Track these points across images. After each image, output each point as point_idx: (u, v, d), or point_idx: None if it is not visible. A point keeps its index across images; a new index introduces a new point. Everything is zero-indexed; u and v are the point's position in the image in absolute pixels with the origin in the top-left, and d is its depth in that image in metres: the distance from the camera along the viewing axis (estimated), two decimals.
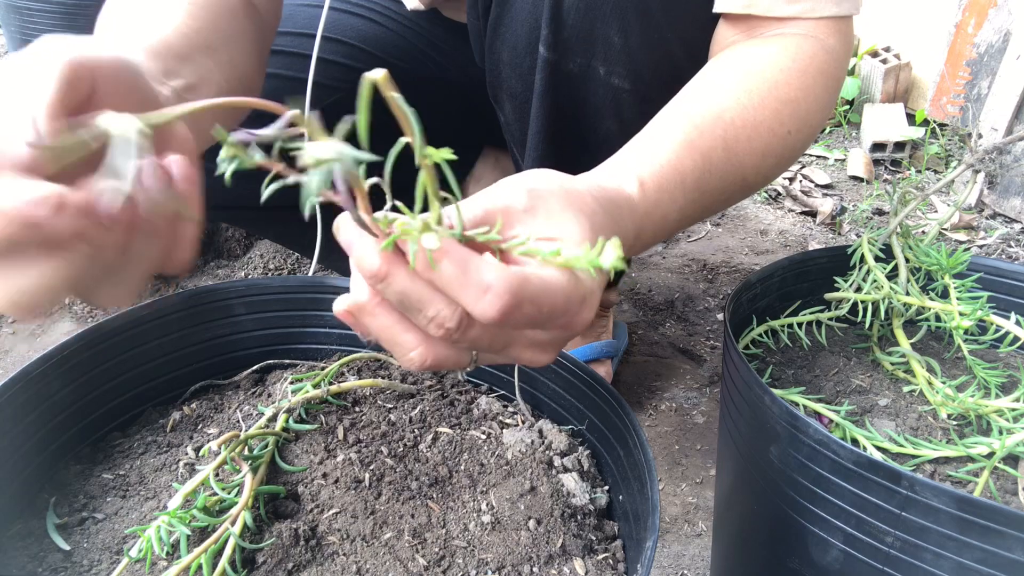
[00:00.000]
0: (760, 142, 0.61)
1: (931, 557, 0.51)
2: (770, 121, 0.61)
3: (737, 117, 0.60)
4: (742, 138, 0.59)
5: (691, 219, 0.60)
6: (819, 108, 0.64)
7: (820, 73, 0.63)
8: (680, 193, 0.56)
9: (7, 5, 2.00)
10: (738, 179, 0.61)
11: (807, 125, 0.64)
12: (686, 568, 0.93)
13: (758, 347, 0.75)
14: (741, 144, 0.59)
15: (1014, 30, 1.81)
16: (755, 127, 0.60)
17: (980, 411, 0.63)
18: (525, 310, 0.35)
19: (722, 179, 0.59)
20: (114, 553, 0.50)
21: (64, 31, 2.08)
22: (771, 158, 0.62)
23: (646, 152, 0.55)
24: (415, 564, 0.49)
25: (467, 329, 0.37)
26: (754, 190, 0.66)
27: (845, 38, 0.66)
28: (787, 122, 0.62)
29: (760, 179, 0.64)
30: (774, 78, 0.62)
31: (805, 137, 0.65)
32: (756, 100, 0.61)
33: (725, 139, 0.59)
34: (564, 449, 0.59)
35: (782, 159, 0.64)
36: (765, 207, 1.86)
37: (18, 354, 1.29)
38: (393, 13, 1.05)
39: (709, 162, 0.58)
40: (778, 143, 0.62)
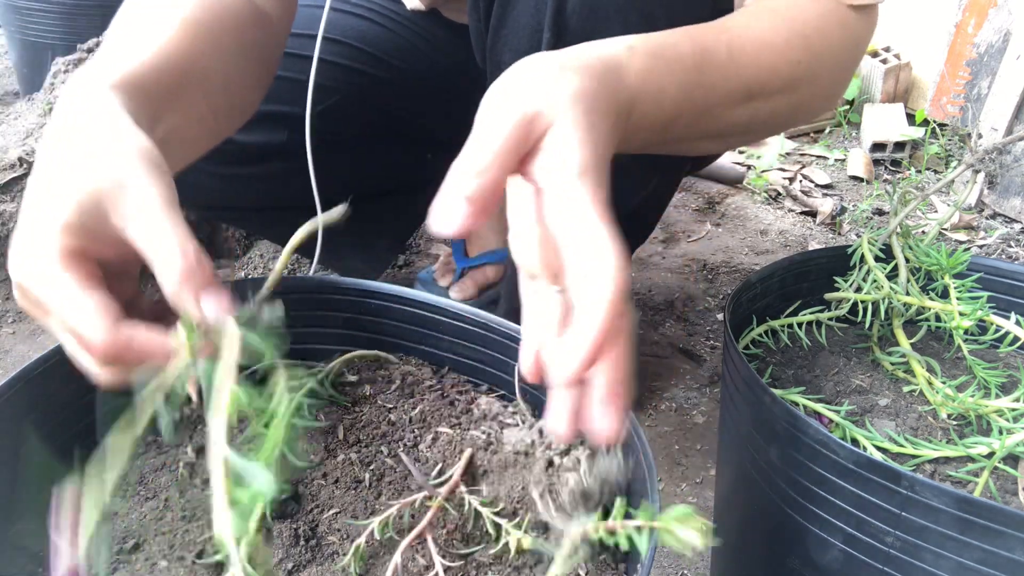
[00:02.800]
0: (767, 60, 0.59)
1: (931, 557, 0.51)
2: (780, 45, 0.59)
3: (744, 33, 0.59)
4: (748, 49, 0.58)
5: (692, 108, 0.57)
6: (833, 56, 0.63)
7: (840, 24, 0.63)
8: (678, 66, 0.54)
9: (7, 5, 2.00)
10: (741, 85, 0.59)
11: (820, 64, 0.62)
12: (686, 568, 0.93)
13: (758, 347, 0.75)
14: (747, 54, 0.58)
15: (1014, 30, 1.81)
16: (762, 44, 0.59)
17: (980, 411, 0.63)
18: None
19: (724, 77, 0.57)
20: (114, 553, 0.50)
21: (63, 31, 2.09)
22: (777, 80, 0.60)
23: (634, 37, 0.54)
24: (415, 564, 0.49)
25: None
26: (759, 121, 0.64)
27: (868, 19, 0.66)
28: (797, 52, 0.60)
29: (765, 100, 0.61)
30: (790, 15, 0.61)
31: (816, 75, 0.63)
32: (766, 24, 0.60)
33: (729, 44, 0.57)
34: (564, 449, 0.59)
35: (787, 88, 0.62)
36: (765, 207, 1.86)
37: (18, 354, 1.28)
38: (393, 14, 1.05)
39: (709, 53, 0.56)
40: (786, 67, 0.60)
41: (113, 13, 0.61)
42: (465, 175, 0.40)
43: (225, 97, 0.65)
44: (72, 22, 1.97)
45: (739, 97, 0.59)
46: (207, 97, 0.62)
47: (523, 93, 0.43)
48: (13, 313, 1.38)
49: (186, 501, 0.54)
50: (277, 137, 0.92)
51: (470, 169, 0.40)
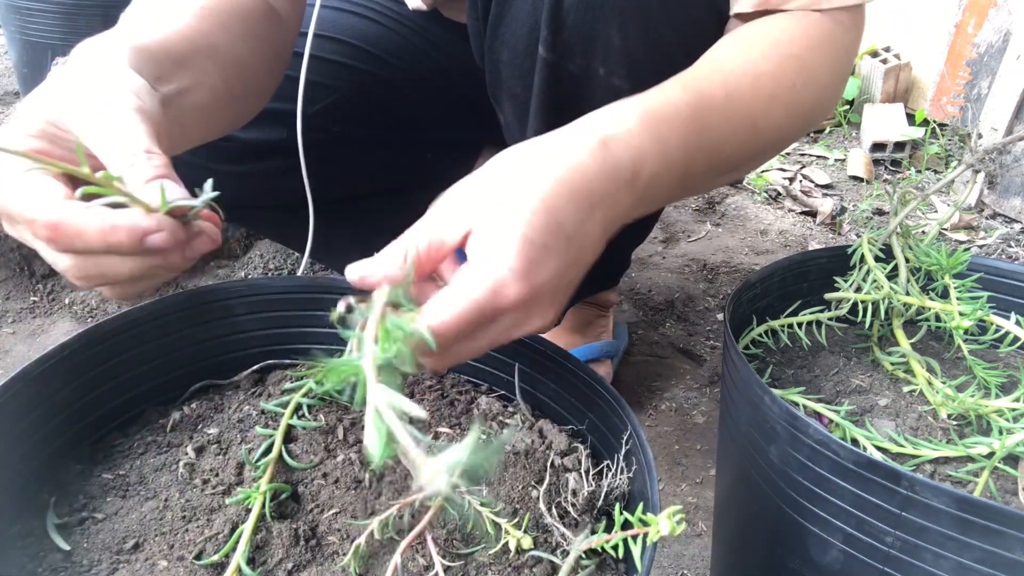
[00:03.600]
0: (764, 89, 0.59)
1: (931, 557, 0.51)
2: (773, 71, 0.60)
3: (736, 67, 0.59)
4: (743, 85, 0.58)
5: (702, 160, 0.56)
6: (826, 68, 0.63)
7: (826, 37, 0.63)
8: (676, 120, 0.53)
9: (7, 5, 2.00)
10: (747, 123, 0.59)
11: (815, 82, 0.62)
12: (686, 568, 0.93)
13: (758, 347, 0.75)
14: (743, 90, 0.58)
15: (1014, 30, 1.81)
16: (757, 75, 0.59)
17: (980, 411, 0.63)
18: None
19: (728, 119, 0.57)
20: (114, 553, 0.50)
21: (64, 31, 2.08)
22: (779, 107, 0.61)
23: (625, 101, 0.53)
24: (415, 564, 0.49)
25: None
26: (769, 145, 0.64)
27: (856, 19, 0.66)
28: (791, 75, 0.61)
29: (772, 130, 0.62)
30: (776, 37, 0.61)
31: (815, 95, 0.63)
32: (756, 54, 0.60)
33: (725, 84, 0.57)
34: (564, 449, 0.59)
35: (792, 111, 0.62)
36: (765, 207, 1.86)
37: (18, 354, 1.28)
38: (394, 13, 1.05)
39: (707, 98, 0.56)
40: (785, 93, 0.60)
41: (113, 13, 0.62)
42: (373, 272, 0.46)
43: (238, 72, 0.67)
44: (72, 22, 1.96)
45: (746, 133, 0.59)
46: (219, 69, 0.64)
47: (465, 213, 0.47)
48: (13, 313, 1.38)
49: (186, 501, 0.54)
50: (276, 134, 0.92)
51: (377, 272, 0.46)
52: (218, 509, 0.53)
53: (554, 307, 0.48)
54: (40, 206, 0.44)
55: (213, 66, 0.63)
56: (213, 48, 0.63)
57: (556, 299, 0.48)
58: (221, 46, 0.64)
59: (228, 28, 0.66)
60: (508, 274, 0.44)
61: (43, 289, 1.41)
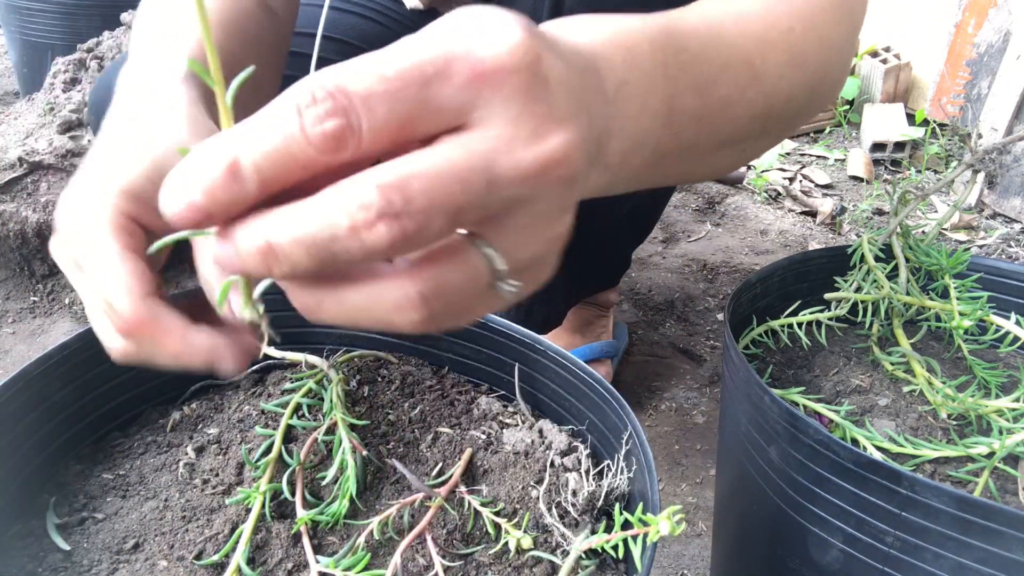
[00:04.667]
0: (753, 28, 0.49)
1: (931, 557, 0.51)
2: (761, 12, 0.50)
3: (715, 9, 0.48)
4: (726, 21, 0.48)
5: (687, 82, 0.43)
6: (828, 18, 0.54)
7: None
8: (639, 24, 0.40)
9: (7, 5, 2.00)
10: (738, 57, 0.47)
11: (815, 29, 0.53)
12: (686, 568, 0.93)
13: (758, 347, 0.75)
14: (726, 25, 0.47)
15: (1014, 30, 1.81)
16: (740, 14, 0.49)
17: (980, 411, 0.63)
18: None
19: (711, 46, 0.46)
20: (114, 553, 0.50)
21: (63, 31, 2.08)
22: (777, 51, 0.50)
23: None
24: (414, 564, 0.49)
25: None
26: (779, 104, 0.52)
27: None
28: (784, 17, 0.51)
29: (776, 78, 0.50)
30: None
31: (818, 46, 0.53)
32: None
33: (700, 14, 0.47)
34: (564, 449, 0.59)
35: (795, 59, 0.51)
36: (765, 207, 1.86)
37: (18, 354, 1.28)
38: (394, 12, 1.05)
39: (679, 22, 0.44)
40: (780, 37, 0.50)
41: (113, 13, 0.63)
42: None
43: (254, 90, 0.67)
44: (72, 22, 1.97)
45: (743, 72, 0.48)
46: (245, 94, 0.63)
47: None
48: (13, 313, 1.38)
49: (186, 501, 0.54)
50: None
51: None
52: (218, 509, 0.53)
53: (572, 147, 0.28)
54: (128, 300, 0.40)
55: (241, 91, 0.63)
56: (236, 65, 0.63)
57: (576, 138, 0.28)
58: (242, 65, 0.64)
59: (246, 42, 0.66)
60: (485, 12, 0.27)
61: (43, 289, 1.41)
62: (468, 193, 0.26)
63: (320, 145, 0.25)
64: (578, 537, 0.49)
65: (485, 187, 0.26)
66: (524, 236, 0.29)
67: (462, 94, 0.26)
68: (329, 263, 0.26)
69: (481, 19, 0.26)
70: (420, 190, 0.25)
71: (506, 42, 0.26)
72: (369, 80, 0.24)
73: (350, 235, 0.25)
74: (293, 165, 0.25)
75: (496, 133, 0.26)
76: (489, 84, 0.26)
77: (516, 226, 0.28)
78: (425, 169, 0.25)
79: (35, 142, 1.40)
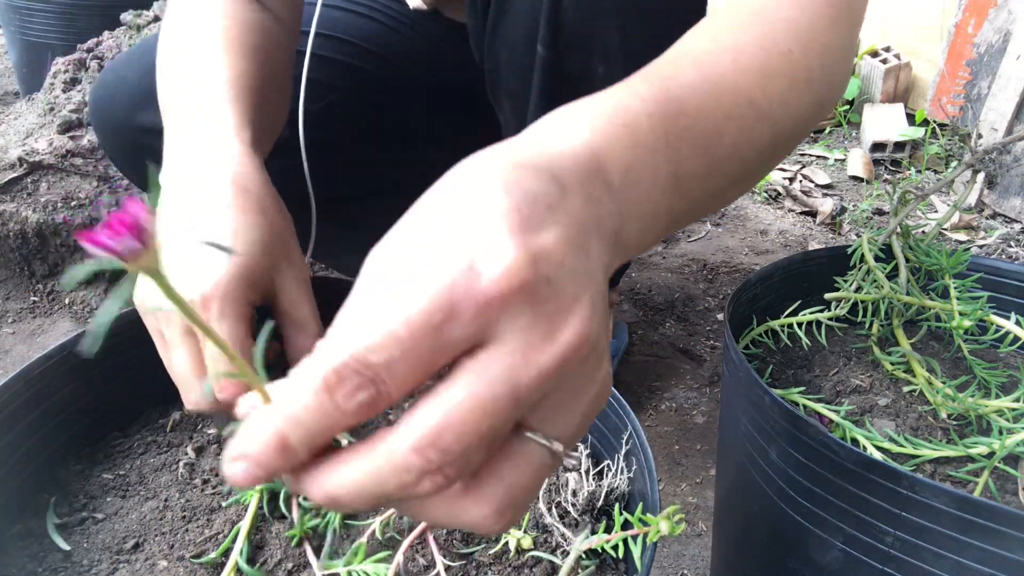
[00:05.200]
0: (751, 61, 0.47)
1: (931, 557, 0.51)
2: (759, 40, 0.49)
3: (709, 46, 0.47)
4: (724, 60, 0.46)
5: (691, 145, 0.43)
6: (827, 24, 0.53)
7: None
8: (636, 100, 0.40)
9: (7, 5, 2.00)
10: (740, 99, 0.46)
11: (816, 42, 0.52)
12: (686, 568, 0.93)
13: (758, 347, 0.75)
14: (724, 65, 0.46)
15: (1014, 30, 1.81)
16: (737, 49, 0.48)
17: (980, 411, 0.63)
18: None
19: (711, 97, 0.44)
20: (114, 553, 0.50)
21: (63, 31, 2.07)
22: (779, 79, 0.49)
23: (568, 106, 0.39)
24: (415, 564, 0.49)
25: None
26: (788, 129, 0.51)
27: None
28: (783, 40, 0.50)
29: (781, 106, 0.49)
30: (753, 5, 0.51)
31: (821, 57, 0.52)
32: (732, 25, 0.49)
33: (696, 63, 0.45)
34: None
35: (797, 81, 0.50)
36: (765, 207, 1.86)
37: (18, 354, 1.28)
38: (395, 12, 1.05)
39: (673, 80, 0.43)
40: (781, 63, 0.49)
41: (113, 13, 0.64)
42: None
43: (276, 116, 0.72)
44: (72, 22, 1.97)
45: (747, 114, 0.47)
46: (272, 119, 0.68)
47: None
48: (13, 313, 1.38)
49: (186, 501, 0.54)
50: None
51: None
52: (218, 509, 0.53)
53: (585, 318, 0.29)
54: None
55: (269, 119, 0.67)
56: (267, 95, 0.67)
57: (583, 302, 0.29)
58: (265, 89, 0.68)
59: (266, 64, 0.69)
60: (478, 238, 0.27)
61: (43, 289, 1.41)
62: (498, 417, 0.27)
63: (356, 413, 0.27)
64: (578, 537, 0.49)
65: (513, 405, 0.27)
66: (567, 412, 0.30)
67: (472, 326, 0.27)
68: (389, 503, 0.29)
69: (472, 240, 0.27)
70: (454, 439, 0.27)
71: (502, 265, 0.26)
72: (386, 347, 0.26)
73: (401, 492, 0.27)
74: (334, 430, 0.28)
75: (510, 348, 0.27)
76: (495, 309, 0.27)
77: (556, 407, 0.29)
78: (453, 416, 0.26)
79: (35, 142, 1.40)
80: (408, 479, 0.27)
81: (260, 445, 0.27)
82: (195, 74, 0.64)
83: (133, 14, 1.70)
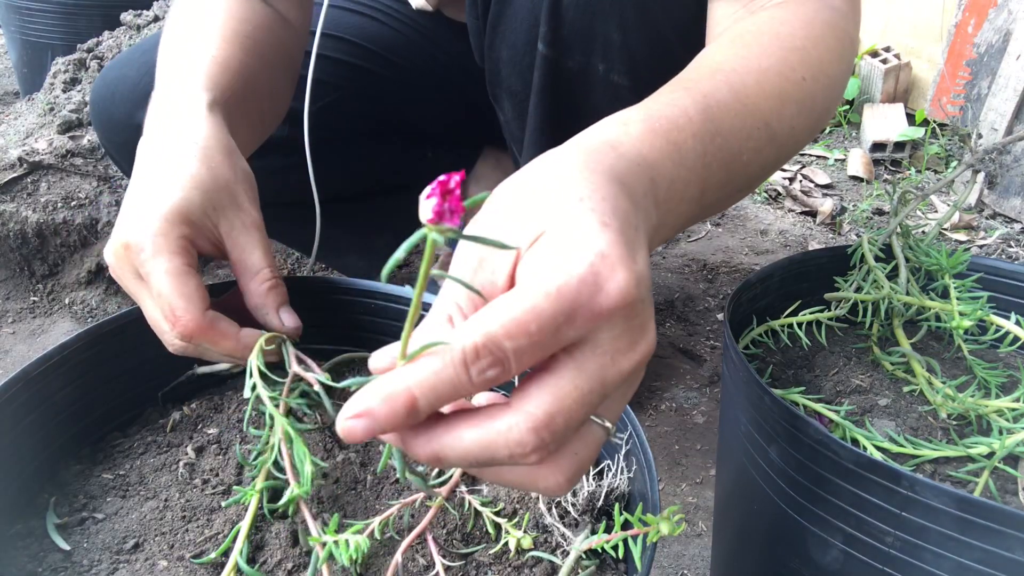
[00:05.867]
0: (772, 86, 0.54)
1: (931, 557, 0.51)
2: (778, 66, 0.55)
3: (738, 66, 0.54)
4: (749, 82, 0.53)
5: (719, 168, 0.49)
6: (833, 59, 0.59)
7: (827, 25, 0.60)
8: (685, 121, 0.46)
9: (7, 5, 2.00)
10: (759, 122, 0.53)
11: (823, 74, 0.58)
12: (686, 568, 0.93)
13: (758, 347, 0.75)
14: (750, 88, 0.53)
15: (1014, 30, 1.81)
16: (761, 72, 0.54)
17: (980, 411, 0.63)
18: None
19: (741, 121, 0.51)
20: (114, 553, 0.50)
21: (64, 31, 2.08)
22: (791, 104, 0.55)
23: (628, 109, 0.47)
24: (415, 564, 0.49)
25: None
26: (785, 149, 0.58)
27: (852, 10, 0.63)
28: (798, 68, 0.56)
29: (787, 129, 0.56)
30: (775, 31, 0.57)
31: (825, 88, 0.59)
32: (756, 50, 0.55)
33: (729, 83, 0.52)
34: None
35: (804, 107, 0.57)
36: (765, 207, 1.86)
37: (18, 354, 1.28)
38: (396, 12, 1.05)
39: (713, 100, 0.50)
40: (794, 89, 0.55)
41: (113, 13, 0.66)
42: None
43: (271, 103, 0.73)
44: (72, 22, 1.97)
45: (762, 136, 0.53)
46: (259, 103, 0.70)
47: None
48: (13, 313, 1.38)
49: (186, 501, 0.54)
50: (278, 132, 0.93)
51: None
52: (218, 509, 0.53)
53: (652, 332, 0.35)
54: (192, 311, 0.52)
55: (256, 103, 0.69)
56: (256, 86, 0.69)
57: (652, 318, 0.36)
58: (262, 80, 0.70)
59: (265, 58, 0.71)
60: (599, 260, 0.32)
61: (43, 289, 1.41)
62: (592, 406, 0.33)
63: (480, 385, 0.32)
64: (578, 537, 0.49)
65: (601, 399, 0.33)
66: (622, 400, 0.37)
67: (582, 330, 0.32)
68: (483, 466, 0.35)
69: (599, 266, 0.32)
70: (563, 423, 0.32)
71: (619, 289, 0.32)
72: (519, 336, 0.31)
73: (507, 458, 0.33)
74: (457, 397, 0.32)
75: (604, 350, 0.33)
76: (603, 319, 0.32)
77: (616, 398, 0.36)
78: (564, 403, 0.32)
79: (35, 142, 1.40)
80: (520, 452, 0.32)
81: (390, 404, 0.31)
82: (181, 52, 0.67)
83: (133, 14, 1.70)
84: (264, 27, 0.72)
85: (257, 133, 0.72)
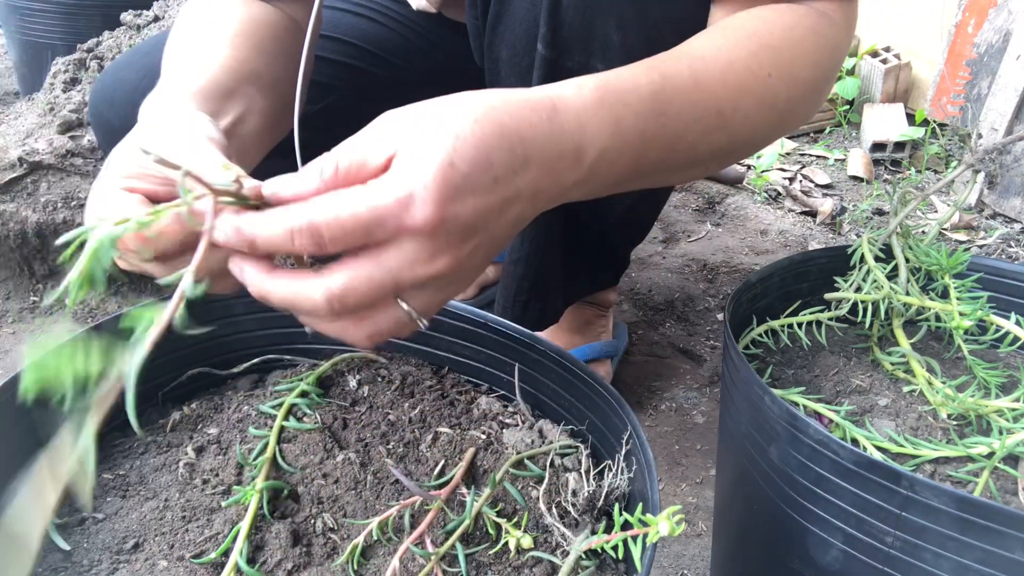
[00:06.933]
0: (735, 77, 0.56)
1: (931, 557, 0.51)
2: (747, 60, 0.57)
3: (708, 54, 0.56)
4: (713, 70, 0.56)
5: (659, 146, 0.54)
6: (807, 63, 0.61)
7: (810, 30, 0.61)
8: (633, 96, 0.51)
9: (7, 5, 2.00)
10: (711, 108, 0.56)
11: (791, 75, 0.60)
12: (686, 568, 0.93)
13: (758, 347, 0.75)
14: (712, 75, 0.55)
15: (1014, 30, 1.81)
16: (728, 63, 0.56)
17: (980, 411, 0.63)
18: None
19: (692, 105, 0.54)
20: (114, 553, 0.50)
21: (64, 31, 2.08)
22: (750, 97, 0.58)
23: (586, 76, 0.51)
24: (415, 564, 0.49)
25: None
26: (741, 140, 0.60)
27: (847, 15, 0.64)
28: (766, 65, 0.58)
29: (741, 121, 0.58)
30: (754, 27, 0.59)
31: (790, 88, 0.60)
32: (731, 43, 0.58)
33: (692, 68, 0.55)
34: (564, 449, 0.59)
35: (764, 102, 0.59)
36: (765, 207, 1.86)
37: (18, 354, 1.28)
38: (395, 13, 1.05)
39: (671, 82, 0.53)
40: (757, 83, 0.58)
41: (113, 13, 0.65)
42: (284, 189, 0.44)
43: (278, 91, 0.72)
44: (72, 22, 1.97)
45: (712, 122, 0.56)
46: (263, 92, 0.69)
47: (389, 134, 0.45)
48: (13, 313, 1.38)
49: (186, 501, 0.54)
50: None
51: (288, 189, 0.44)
52: (218, 509, 0.53)
53: (461, 258, 0.43)
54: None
55: (258, 91, 0.68)
56: (255, 74, 0.68)
57: (466, 249, 0.43)
58: (261, 70, 0.69)
59: (263, 51, 0.70)
60: (421, 190, 0.40)
61: (43, 289, 1.41)
62: (382, 293, 0.43)
63: (303, 249, 0.41)
64: (578, 537, 0.49)
65: (392, 291, 0.43)
66: (429, 300, 0.45)
67: (388, 235, 0.41)
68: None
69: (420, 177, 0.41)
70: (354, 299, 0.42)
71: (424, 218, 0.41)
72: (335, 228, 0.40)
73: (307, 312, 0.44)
74: (283, 252, 0.42)
75: (404, 256, 0.42)
76: (406, 234, 0.41)
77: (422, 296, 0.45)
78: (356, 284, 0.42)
79: (35, 142, 1.40)
80: (314, 310, 0.42)
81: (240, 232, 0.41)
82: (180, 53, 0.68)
83: (133, 14, 1.70)
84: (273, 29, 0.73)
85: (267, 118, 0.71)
